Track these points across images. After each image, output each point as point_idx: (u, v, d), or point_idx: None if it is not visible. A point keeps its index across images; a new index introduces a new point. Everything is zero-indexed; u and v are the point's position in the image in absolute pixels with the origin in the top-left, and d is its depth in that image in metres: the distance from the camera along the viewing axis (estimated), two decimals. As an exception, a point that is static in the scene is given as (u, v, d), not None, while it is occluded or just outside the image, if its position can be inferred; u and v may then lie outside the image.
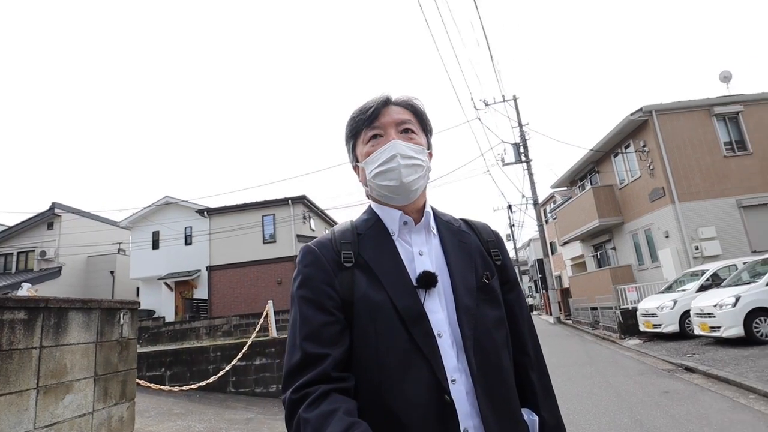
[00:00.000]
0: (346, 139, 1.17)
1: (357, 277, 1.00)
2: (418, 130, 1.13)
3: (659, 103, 14.97)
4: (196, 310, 20.74)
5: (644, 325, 11.41)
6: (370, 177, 1.08)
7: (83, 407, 3.22)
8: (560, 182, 23.29)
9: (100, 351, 3.47)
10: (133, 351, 3.84)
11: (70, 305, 3.20)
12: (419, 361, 0.92)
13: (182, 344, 11.94)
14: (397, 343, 0.94)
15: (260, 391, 8.02)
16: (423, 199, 1.14)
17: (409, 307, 0.96)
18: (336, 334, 0.95)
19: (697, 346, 9.16)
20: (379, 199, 1.12)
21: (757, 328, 8.18)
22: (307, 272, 1.02)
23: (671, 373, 7.30)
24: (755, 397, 5.39)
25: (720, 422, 4.59)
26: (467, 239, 1.13)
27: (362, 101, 1.14)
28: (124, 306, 3.76)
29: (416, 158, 1.07)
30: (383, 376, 0.92)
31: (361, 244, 1.05)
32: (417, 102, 1.15)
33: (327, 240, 1.08)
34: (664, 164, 14.40)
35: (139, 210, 23.48)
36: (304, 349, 0.93)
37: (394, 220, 1.08)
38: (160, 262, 22.80)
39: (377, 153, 1.07)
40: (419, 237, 1.08)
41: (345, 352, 0.95)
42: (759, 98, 15.13)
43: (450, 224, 1.15)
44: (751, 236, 13.93)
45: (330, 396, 0.88)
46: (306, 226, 22.65)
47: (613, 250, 18.93)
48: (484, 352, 0.97)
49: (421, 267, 1.02)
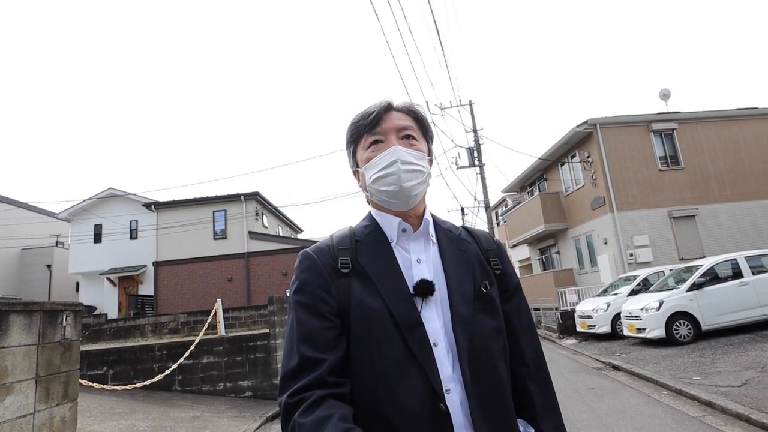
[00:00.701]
0: (347, 143, 1.17)
1: (354, 284, 1.00)
2: (419, 136, 1.13)
3: (603, 117, 15.79)
4: (142, 306, 20.12)
5: (581, 326, 12.10)
6: (370, 182, 1.08)
7: (24, 408, 3.23)
8: (511, 187, 24.12)
9: (42, 353, 3.47)
10: (75, 352, 3.84)
11: (11, 308, 3.21)
12: (414, 370, 0.93)
13: (126, 342, 11.65)
14: (392, 351, 0.94)
15: (207, 390, 8.01)
16: (423, 206, 1.14)
17: (406, 314, 0.96)
18: (332, 339, 0.96)
19: (626, 346, 9.84)
20: (379, 205, 1.12)
21: (676, 330, 8.90)
22: (304, 278, 1.02)
23: (599, 371, 7.85)
24: (667, 392, 5.94)
25: (633, 416, 5.05)
26: (467, 247, 1.12)
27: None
28: (67, 308, 3.76)
29: (417, 164, 1.07)
30: (378, 383, 0.93)
31: (359, 251, 1.05)
32: (418, 108, 1.16)
33: (325, 246, 1.08)
34: (606, 175, 15.23)
35: (80, 202, 22.37)
36: (301, 353, 0.93)
37: (392, 227, 1.08)
38: (102, 257, 21.85)
39: (378, 158, 1.07)
40: (418, 244, 1.08)
41: (341, 357, 0.95)
42: (692, 117, 16.23)
43: (450, 232, 1.15)
44: (679, 245, 14.98)
45: (325, 401, 0.88)
46: (259, 223, 22.41)
47: (558, 254, 19.82)
48: (479, 363, 0.97)
49: (419, 275, 1.02)
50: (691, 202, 15.40)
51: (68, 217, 22.67)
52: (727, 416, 4.73)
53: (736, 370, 6.24)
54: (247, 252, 20.88)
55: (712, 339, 8.82)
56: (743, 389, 5.33)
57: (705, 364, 6.94)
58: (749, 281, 9.24)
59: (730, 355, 7.30)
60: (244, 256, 20.81)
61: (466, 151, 23.16)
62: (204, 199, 21.72)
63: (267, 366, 8.10)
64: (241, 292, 20.39)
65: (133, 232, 22.26)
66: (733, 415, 4.68)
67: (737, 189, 15.68)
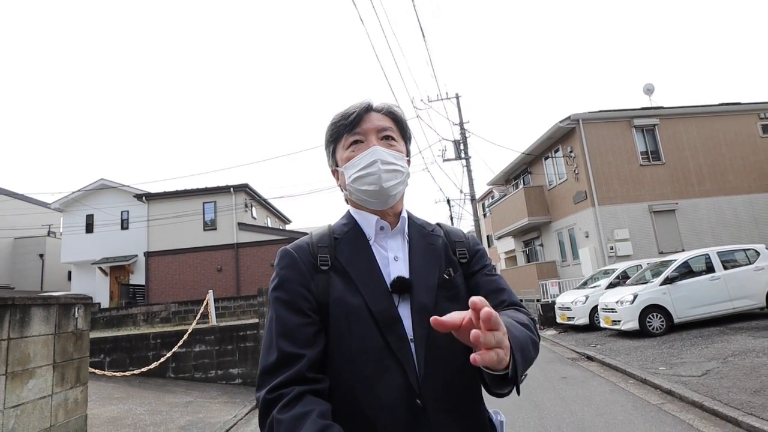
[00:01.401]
0: (326, 143, 1.19)
1: (333, 281, 1.02)
2: (398, 137, 1.16)
3: (586, 112, 16.12)
4: (133, 296, 20.34)
5: (560, 317, 12.56)
6: (350, 181, 1.10)
7: (44, 390, 3.62)
8: (496, 180, 24.52)
9: (58, 341, 3.84)
10: (86, 341, 4.20)
11: (32, 302, 3.56)
12: (393, 365, 0.94)
13: (119, 331, 11.93)
14: (371, 347, 0.95)
15: (199, 377, 8.36)
16: (401, 206, 1.16)
17: (384, 311, 0.98)
18: (311, 335, 0.97)
19: (601, 337, 10.31)
20: (358, 203, 1.14)
21: (649, 322, 9.36)
22: (283, 274, 1.04)
23: (574, 362, 8.30)
24: (634, 382, 6.37)
25: (598, 403, 5.47)
26: (435, 241, 1.14)
27: (338, 102, 1.25)
28: (78, 301, 4.11)
29: (396, 164, 1.10)
30: (357, 379, 0.94)
31: (337, 248, 1.07)
32: (397, 110, 1.18)
33: (304, 243, 1.10)
34: (588, 169, 15.62)
35: (72, 192, 22.50)
36: (280, 349, 0.94)
37: (370, 225, 1.10)
38: (94, 247, 22.05)
39: (358, 158, 1.09)
40: (395, 242, 1.11)
41: (320, 353, 0.96)
42: (673, 113, 16.61)
43: (422, 228, 1.17)
44: (659, 238, 15.47)
45: (304, 398, 0.89)
46: (248, 214, 22.66)
47: (541, 246, 20.27)
48: (438, 352, 0.97)
49: (396, 272, 1.04)
50: (672, 197, 15.87)
51: (60, 207, 22.80)
52: (684, 404, 5.14)
53: (699, 361, 6.67)
54: (237, 243, 21.16)
55: (684, 331, 9.28)
56: (702, 379, 5.75)
57: (673, 355, 7.39)
58: (720, 276, 9.71)
59: (697, 346, 7.75)
60: (234, 246, 21.09)
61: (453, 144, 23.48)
62: (194, 190, 21.93)
63: (256, 354, 8.44)
64: (230, 282, 20.68)
65: (124, 222, 22.44)
66: (689, 403, 5.08)
67: (716, 184, 16.14)
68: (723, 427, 4.40)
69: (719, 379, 5.65)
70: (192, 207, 21.57)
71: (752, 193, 16.19)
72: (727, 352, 6.97)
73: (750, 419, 4.21)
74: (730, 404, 4.68)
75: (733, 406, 4.63)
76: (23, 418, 3.41)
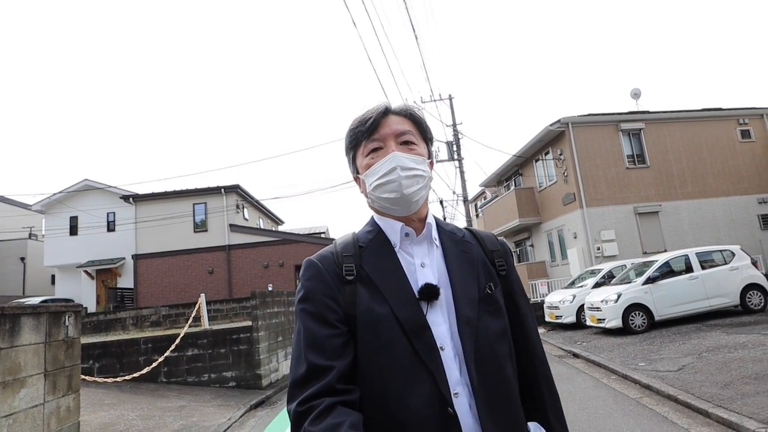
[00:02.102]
0: (346, 150, 1.17)
1: (359, 291, 1.00)
2: (418, 140, 1.12)
3: (575, 116, 16.47)
4: (121, 299, 20.15)
5: (549, 316, 12.80)
6: (371, 189, 1.08)
7: (36, 399, 3.67)
8: (488, 182, 24.81)
9: (48, 350, 3.90)
10: (77, 348, 4.26)
11: (22, 311, 3.61)
12: (423, 374, 0.93)
13: (107, 336, 11.90)
14: (400, 356, 0.94)
15: (192, 381, 8.40)
16: (425, 210, 1.13)
17: (412, 319, 0.96)
18: (340, 346, 0.96)
19: (587, 335, 10.55)
20: (381, 211, 1.12)
21: (632, 320, 9.63)
22: (309, 286, 1.03)
23: (560, 359, 8.50)
24: (615, 377, 6.59)
25: (581, 398, 5.66)
26: (470, 249, 1.12)
27: (356, 108, 1.14)
28: (68, 309, 4.18)
29: (417, 169, 1.07)
30: (387, 389, 0.93)
31: (363, 257, 1.05)
32: (417, 111, 1.15)
33: (329, 253, 1.08)
34: (576, 172, 15.93)
35: (55, 194, 22.02)
36: (309, 361, 0.94)
37: (395, 232, 1.08)
38: (79, 249, 21.67)
39: (377, 165, 1.07)
40: (421, 248, 1.08)
41: (349, 364, 0.96)
42: (658, 118, 17.04)
43: (453, 234, 1.14)
44: (643, 239, 15.82)
45: (335, 409, 0.88)
46: (239, 215, 22.59)
47: (531, 247, 20.57)
48: (485, 365, 0.97)
49: (423, 279, 1.02)
50: (655, 199, 16.24)
51: (42, 209, 22.36)
52: (661, 397, 5.37)
53: (676, 357, 6.91)
54: (228, 244, 21.10)
55: (664, 328, 9.57)
56: (678, 374, 5.98)
57: (652, 351, 7.62)
58: (698, 275, 10.03)
59: (675, 343, 8.00)
60: (225, 248, 21.03)
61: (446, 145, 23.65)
62: (184, 191, 21.78)
63: (250, 357, 8.52)
64: (222, 285, 20.64)
65: (110, 224, 22.09)
66: (665, 396, 5.32)
67: (698, 187, 16.57)
68: (694, 418, 4.63)
69: (693, 373, 5.88)
70: (182, 208, 21.41)
71: (730, 196, 16.66)
72: (702, 348, 7.23)
73: (719, 411, 4.47)
74: (702, 397, 4.93)
75: (704, 399, 4.88)
76: (15, 427, 3.45)
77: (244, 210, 23.38)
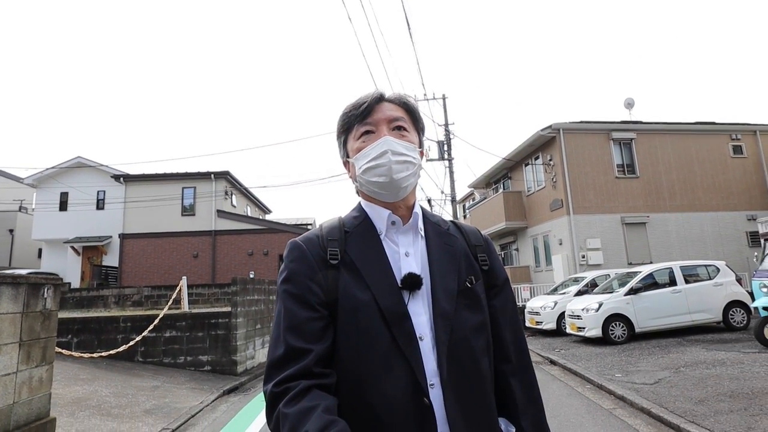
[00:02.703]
0: (338, 134, 1.17)
1: (342, 275, 1.00)
2: (410, 128, 1.13)
3: (567, 122, 16.51)
4: (105, 277, 20.07)
5: (529, 321, 12.85)
6: (360, 172, 1.08)
7: (8, 368, 3.66)
8: (477, 183, 24.86)
9: (25, 320, 3.88)
10: (54, 321, 4.23)
11: (1, 280, 3.56)
12: (400, 362, 0.93)
13: (89, 312, 11.81)
14: (379, 343, 0.94)
15: (168, 362, 8.37)
16: (413, 199, 1.14)
17: (393, 307, 0.97)
18: (319, 329, 0.96)
19: (567, 342, 10.62)
20: (369, 196, 1.12)
21: (612, 331, 9.69)
22: (292, 267, 1.03)
23: (537, 365, 8.55)
24: (590, 387, 6.63)
25: (554, 405, 5.69)
26: (453, 242, 1.12)
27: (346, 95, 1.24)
28: (48, 281, 4.14)
29: (407, 155, 1.07)
30: (364, 375, 0.93)
31: (348, 242, 1.05)
32: (410, 100, 1.16)
33: (314, 236, 1.08)
34: (565, 178, 15.98)
35: (47, 169, 22.09)
36: (288, 343, 0.94)
37: (382, 219, 1.08)
38: (67, 225, 21.67)
39: (368, 149, 1.07)
40: (406, 238, 1.08)
41: (328, 348, 0.96)
42: (650, 129, 17.13)
43: (438, 226, 1.14)
44: (629, 249, 15.93)
45: (311, 392, 0.88)
46: (227, 202, 22.53)
47: (516, 251, 20.65)
48: (458, 358, 0.97)
49: (407, 268, 1.02)
50: (643, 210, 16.34)
51: (34, 183, 22.37)
52: (634, 409, 5.39)
53: (653, 370, 6.97)
54: (214, 230, 21.03)
55: (644, 341, 9.64)
56: (654, 387, 6.03)
57: (630, 363, 7.69)
58: (681, 289, 10.10)
59: (654, 356, 8.07)
60: (211, 233, 20.97)
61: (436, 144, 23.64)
62: (174, 174, 21.72)
63: (227, 342, 8.50)
64: (206, 270, 20.56)
65: (100, 202, 22.11)
66: (638, 409, 5.34)
67: (687, 200, 16.69)
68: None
69: (669, 387, 5.92)
70: (171, 191, 21.32)
71: (719, 211, 16.77)
72: (680, 363, 7.29)
73: (691, 426, 4.47)
74: (675, 412, 4.95)
75: (677, 413, 4.89)
76: (-13, 393, 3.44)
77: (232, 197, 23.30)
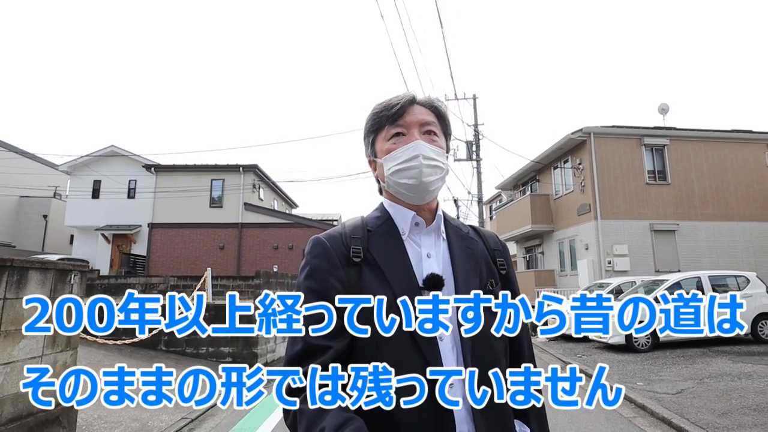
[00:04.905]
0: (366, 133, 1.17)
1: (364, 273, 1.01)
2: (439, 132, 1.15)
3: (599, 126, 16.20)
4: (133, 265, 20.54)
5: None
6: (389, 173, 1.09)
7: (34, 351, 3.78)
8: (505, 184, 24.60)
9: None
10: (79, 307, 4.34)
11: (30, 265, 3.71)
12: (419, 362, 0.93)
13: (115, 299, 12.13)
14: (398, 342, 0.94)
15: (190, 352, 8.57)
16: (436, 202, 1.15)
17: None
18: (339, 326, 0.95)
19: (589, 348, 10.45)
20: (395, 196, 1.13)
21: (635, 338, 9.50)
22: (315, 263, 1.03)
23: (557, 370, 8.43)
24: (610, 395, 6.51)
25: (572, 413, 5.55)
26: (474, 246, 1.14)
27: (375, 95, 1.30)
28: (75, 268, 4.27)
29: (437, 160, 1.08)
30: None
31: (370, 241, 1.06)
32: (441, 105, 1.17)
33: (337, 233, 1.08)
34: (594, 183, 15.69)
35: (81, 156, 22.65)
36: (307, 340, 0.94)
37: (405, 220, 1.09)
38: (99, 213, 22.28)
39: (399, 151, 1.08)
40: (428, 239, 1.09)
41: (347, 345, 0.96)
42: (684, 135, 16.64)
43: (459, 229, 1.16)
44: (657, 257, 15.56)
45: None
46: (255, 195, 22.80)
47: (542, 254, 20.37)
48: (480, 360, 0.98)
49: (429, 269, 1.03)
50: (673, 218, 15.95)
51: (68, 170, 22.97)
52: (654, 419, 5.29)
53: (677, 380, 6.81)
54: (241, 222, 21.32)
55: (668, 350, 9.43)
56: (676, 397, 5.89)
57: (652, 372, 7.52)
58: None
59: (677, 366, 7.88)
60: (238, 226, 21.26)
61: (465, 144, 23.46)
62: (203, 166, 22.09)
63: (249, 335, 8.63)
64: (231, 262, 20.87)
65: (131, 191, 22.65)
66: (659, 419, 5.24)
67: (719, 209, 16.19)
68: (686, 444, 4.54)
69: (692, 398, 5.78)
70: (200, 183, 21.69)
71: (753, 221, 16.23)
72: (704, 374, 7.10)
73: (712, 439, 4.35)
74: (697, 423, 4.85)
75: (699, 425, 4.79)
76: (12, 376, 3.57)
77: (260, 190, 23.57)
